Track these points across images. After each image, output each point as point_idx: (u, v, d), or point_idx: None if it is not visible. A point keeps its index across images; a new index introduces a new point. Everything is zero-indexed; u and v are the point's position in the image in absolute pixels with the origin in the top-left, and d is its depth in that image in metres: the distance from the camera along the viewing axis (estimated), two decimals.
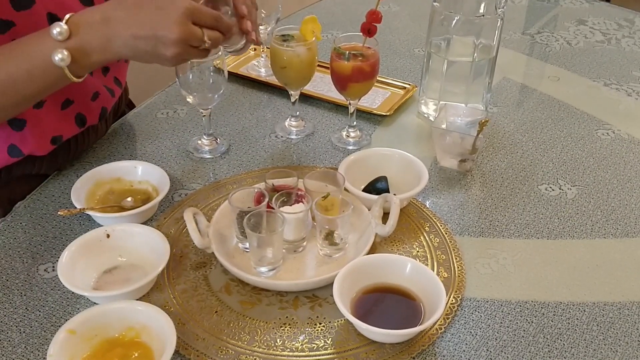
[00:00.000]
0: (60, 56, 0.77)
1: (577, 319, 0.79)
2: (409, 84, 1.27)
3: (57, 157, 1.01)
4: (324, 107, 1.22)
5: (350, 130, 1.12)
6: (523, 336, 0.77)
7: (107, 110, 1.06)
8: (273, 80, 1.18)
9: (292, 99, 1.12)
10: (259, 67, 1.33)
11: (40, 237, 0.89)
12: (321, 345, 0.75)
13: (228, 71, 1.06)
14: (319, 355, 0.74)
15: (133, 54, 0.81)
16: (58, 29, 0.77)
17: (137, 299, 0.78)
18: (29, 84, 0.80)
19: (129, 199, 0.93)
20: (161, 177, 0.95)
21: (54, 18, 0.88)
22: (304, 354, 0.74)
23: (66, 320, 0.72)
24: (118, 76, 1.10)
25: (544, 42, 1.52)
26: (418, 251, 0.88)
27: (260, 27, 1.27)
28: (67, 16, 0.78)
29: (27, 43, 0.81)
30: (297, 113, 1.15)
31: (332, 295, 0.75)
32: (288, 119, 1.16)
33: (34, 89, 0.81)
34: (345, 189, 0.90)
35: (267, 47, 1.27)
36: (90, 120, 1.02)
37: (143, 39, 0.78)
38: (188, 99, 1.01)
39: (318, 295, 0.81)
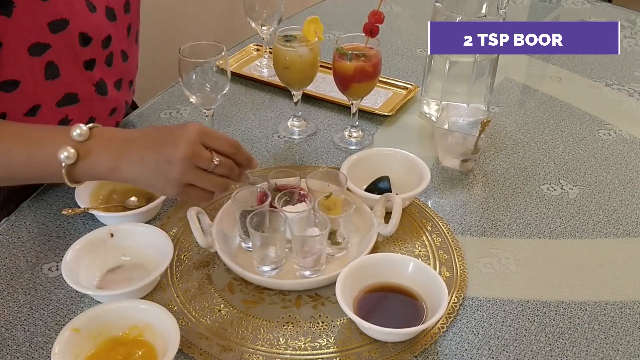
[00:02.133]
0: (66, 154, 0.74)
1: (579, 318, 0.80)
2: (411, 84, 1.27)
3: None
4: (326, 107, 1.22)
5: (352, 130, 1.13)
6: (525, 335, 0.77)
7: (119, 123, 1.09)
8: (275, 80, 1.18)
9: (295, 99, 1.12)
10: (262, 67, 1.33)
11: (44, 237, 0.89)
12: (324, 344, 0.75)
13: (231, 71, 1.06)
14: (321, 353, 0.74)
15: (138, 176, 0.76)
16: (79, 130, 0.74)
17: (140, 298, 0.78)
18: (22, 166, 0.77)
19: (133, 198, 0.93)
20: None
21: (85, 37, 0.90)
22: (306, 352, 0.74)
23: (70, 319, 0.72)
24: (133, 86, 1.11)
25: None
26: (420, 251, 0.88)
27: (263, 27, 1.27)
28: (91, 125, 0.76)
29: (44, 130, 0.79)
30: (300, 113, 1.15)
31: (334, 294, 0.75)
32: (290, 119, 1.16)
33: (25, 173, 0.78)
34: (348, 189, 0.91)
35: (270, 48, 1.27)
36: None
37: (150, 157, 0.74)
38: (191, 99, 1.01)
39: (320, 294, 0.81)
